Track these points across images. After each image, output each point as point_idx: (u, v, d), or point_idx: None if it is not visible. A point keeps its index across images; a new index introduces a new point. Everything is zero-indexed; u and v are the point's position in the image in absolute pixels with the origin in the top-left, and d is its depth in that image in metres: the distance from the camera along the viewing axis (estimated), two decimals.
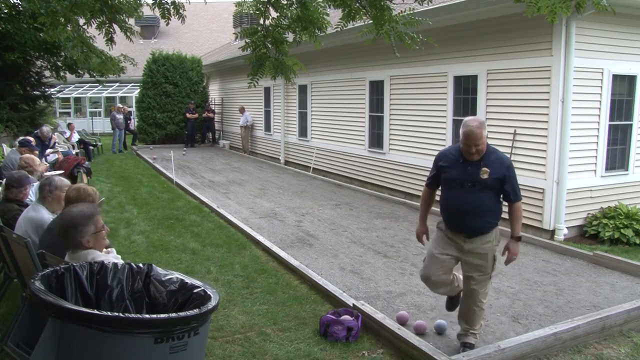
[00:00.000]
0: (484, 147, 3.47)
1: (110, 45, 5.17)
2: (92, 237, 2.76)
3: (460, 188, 3.57)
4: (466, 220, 3.56)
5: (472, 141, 3.42)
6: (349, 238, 6.91)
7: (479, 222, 3.54)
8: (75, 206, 2.89)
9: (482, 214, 3.53)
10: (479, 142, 3.41)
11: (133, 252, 6.09)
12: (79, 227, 2.72)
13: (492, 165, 3.49)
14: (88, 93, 25.55)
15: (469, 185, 3.54)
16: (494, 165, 3.50)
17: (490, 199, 3.53)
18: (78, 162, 10.16)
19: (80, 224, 2.73)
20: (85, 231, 2.73)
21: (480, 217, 3.53)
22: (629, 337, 4.08)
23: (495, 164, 3.50)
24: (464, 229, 3.60)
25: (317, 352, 3.73)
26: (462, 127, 3.49)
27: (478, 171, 3.49)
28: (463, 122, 3.52)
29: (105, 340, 1.88)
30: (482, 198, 3.51)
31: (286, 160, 14.35)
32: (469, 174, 3.53)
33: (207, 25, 33.26)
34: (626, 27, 6.94)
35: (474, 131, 3.39)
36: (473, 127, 3.40)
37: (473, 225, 3.56)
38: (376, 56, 9.92)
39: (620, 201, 7.13)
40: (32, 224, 3.82)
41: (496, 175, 3.49)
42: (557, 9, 3.80)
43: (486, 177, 3.48)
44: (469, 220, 3.55)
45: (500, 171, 3.50)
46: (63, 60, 14.83)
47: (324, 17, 4.86)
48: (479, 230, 3.57)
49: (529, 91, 7.02)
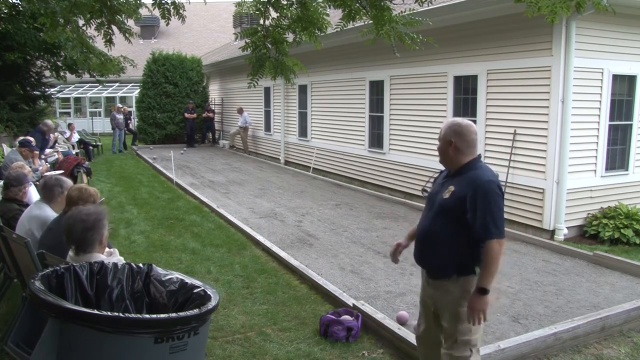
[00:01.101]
0: (444, 152, 2.77)
1: (110, 47, 5.18)
2: (105, 236, 2.82)
3: (426, 209, 2.87)
4: (419, 252, 2.84)
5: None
6: (349, 238, 6.91)
7: (432, 258, 2.76)
8: (85, 208, 2.88)
9: (433, 246, 2.72)
10: (439, 142, 2.80)
11: (133, 252, 6.09)
12: (103, 221, 2.77)
13: (461, 182, 2.65)
14: (88, 93, 25.55)
15: (429, 206, 2.82)
16: (463, 182, 2.63)
17: (445, 226, 2.66)
18: (78, 162, 10.15)
19: (100, 227, 2.76)
20: (103, 232, 2.78)
21: (432, 250, 2.74)
22: (629, 337, 4.09)
23: (465, 180, 2.63)
24: (419, 263, 2.88)
25: (317, 352, 3.74)
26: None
27: (445, 188, 2.73)
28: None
29: (105, 340, 1.88)
30: (435, 224, 2.71)
31: (286, 160, 14.35)
32: (436, 190, 2.81)
33: (207, 25, 33.26)
34: (626, 27, 6.94)
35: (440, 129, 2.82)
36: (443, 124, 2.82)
37: (425, 261, 2.82)
38: (376, 56, 9.92)
39: (620, 201, 7.13)
40: (38, 222, 3.84)
41: (459, 194, 2.60)
42: (557, 8, 3.81)
43: (447, 197, 2.66)
44: (421, 252, 2.82)
45: (464, 190, 2.59)
46: (63, 60, 14.84)
47: (324, 17, 4.86)
48: (436, 271, 2.76)
49: (529, 91, 7.02)
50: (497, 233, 2.52)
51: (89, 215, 2.74)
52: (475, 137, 2.76)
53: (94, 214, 2.77)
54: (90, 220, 2.72)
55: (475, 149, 2.75)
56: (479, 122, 7.77)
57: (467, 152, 2.72)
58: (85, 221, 2.72)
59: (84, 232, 2.70)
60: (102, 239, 2.77)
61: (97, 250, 2.75)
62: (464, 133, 2.71)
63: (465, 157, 2.71)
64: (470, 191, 2.56)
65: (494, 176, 2.65)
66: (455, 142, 2.71)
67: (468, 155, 2.72)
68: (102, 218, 2.78)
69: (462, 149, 2.71)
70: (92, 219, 2.73)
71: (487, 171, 2.67)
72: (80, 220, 2.73)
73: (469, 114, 7.98)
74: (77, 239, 2.71)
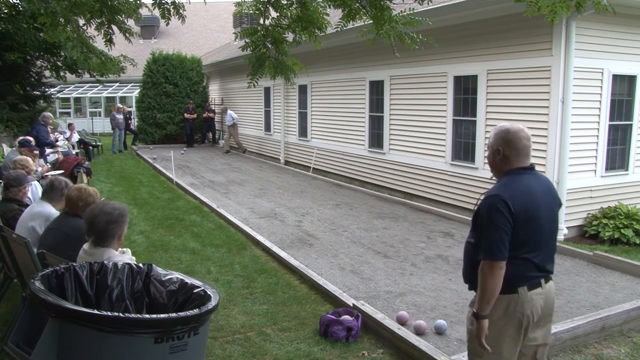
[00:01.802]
0: (492, 163, 2.55)
1: (110, 46, 5.18)
2: (123, 235, 2.89)
3: None
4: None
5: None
6: (349, 238, 6.91)
7: (465, 274, 2.62)
8: (110, 202, 2.96)
9: (465, 263, 2.60)
10: (488, 151, 2.60)
11: (133, 252, 6.04)
12: (121, 222, 2.83)
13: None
14: (88, 93, 25.55)
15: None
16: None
17: (470, 244, 2.54)
18: (78, 162, 10.16)
19: (123, 222, 2.84)
20: (124, 228, 2.86)
21: (465, 265, 2.61)
22: (629, 337, 4.08)
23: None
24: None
25: (317, 352, 3.73)
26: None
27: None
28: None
29: (105, 340, 1.88)
30: (468, 240, 2.58)
31: (286, 160, 14.34)
32: None
33: (207, 25, 33.26)
34: (626, 27, 6.94)
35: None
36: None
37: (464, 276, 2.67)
38: (376, 56, 9.92)
39: (620, 201, 7.13)
40: (42, 218, 3.86)
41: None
42: (558, 8, 3.81)
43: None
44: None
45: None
46: (63, 60, 14.84)
47: (324, 17, 4.86)
48: (469, 286, 2.62)
49: (529, 91, 7.02)
50: (485, 254, 2.33)
51: (115, 210, 2.83)
52: (528, 144, 2.47)
53: (118, 209, 2.86)
54: (115, 214, 2.81)
55: (526, 158, 2.47)
56: (479, 122, 7.77)
57: (515, 162, 2.46)
58: (110, 214, 2.79)
59: (107, 224, 2.77)
60: (121, 235, 2.85)
61: (113, 246, 2.81)
62: (513, 140, 2.45)
63: (513, 166, 2.46)
64: (478, 206, 2.45)
65: (507, 192, 2.37)
66: (504, 150, 2.46)
67: (516, 164, 2.46)
68: (125, 214, 2.88)
69: (511, 158, 2.46)
70: (117, 214, 2.82)
71: (503, 186, 2.42)
72: (105, 212, 2.80)
73: (469, 114, 7.99)
74: (99, 231, 2.77)
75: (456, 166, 8.27)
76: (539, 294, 2.44)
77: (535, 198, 2.41)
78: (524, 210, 2.35)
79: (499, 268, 2.32)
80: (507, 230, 2.32)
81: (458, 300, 4.75)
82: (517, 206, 2.33)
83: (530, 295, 2.41)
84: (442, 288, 5.09)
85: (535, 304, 2.43)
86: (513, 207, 2.32)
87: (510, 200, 2.33)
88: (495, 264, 2.32)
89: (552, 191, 2.56)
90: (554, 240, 2.55)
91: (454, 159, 8.33)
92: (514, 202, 2.33)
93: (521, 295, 2.40)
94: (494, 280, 2.33)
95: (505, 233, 2.32)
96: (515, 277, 2.38)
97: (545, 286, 2.48)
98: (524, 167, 2.47)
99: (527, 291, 2.40)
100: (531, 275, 2.42)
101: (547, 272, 2.50)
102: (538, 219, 2.40)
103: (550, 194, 2.53)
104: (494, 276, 2.33)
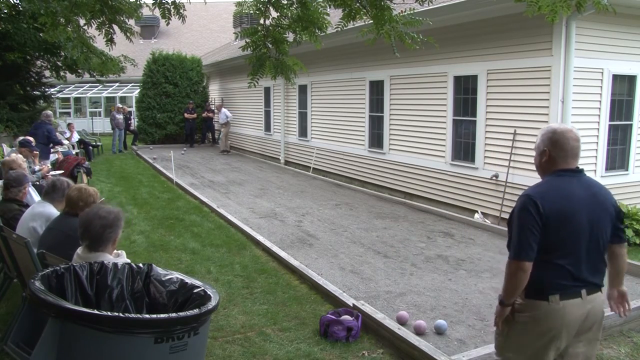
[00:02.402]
0: (539, 165, 2.50)
1: (110, 46, 5.17)
2: (117, 239, 2.86)
3: None
4: None
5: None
6: (349, 238, 6.91)
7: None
8: (105, 206, 2.92)
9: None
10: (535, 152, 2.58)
11: (133, 252, 6.08)
12: (116, 227, 2.79)
13: None
14: (88, 93, 25.55)
15: None
16: None
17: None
18: (78, 162, 10.16)
19: (117, 226, 2.80)
20: (118, 232, 2.82)
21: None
22: (629, 337, 4.08)
23: None
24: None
25: (317, 352, 3.73)
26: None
27: None
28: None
29: (105, 340, 1.88)
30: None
31: (286, 160, 14.34)
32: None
33: (207, 25, 33.26)
34: (626, 27, 6.94)
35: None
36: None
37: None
38: (376, 56, 9.92)
39: (620, 201, 7.12)
40: (43, 219, 3.86)
41: None
42: (558, 8, 3.81)
43: None
44: None
45: None
46: (63, 60, 14.84)
47: (324, 17, 4.86)
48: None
49: (529, 91, 7.02)
50: (511, 253, 2.31)
51: (109, 214, 2.79)
52: (576, 145, 2.38)
53: (113, 212, 2.83)
54: (110, 219, 2.77)
55: (574, 159, 2.38)
56: (479, 122, 7.77)
57: (561, 163, 2.38)
58: (105, 218, 2.76)
59: (102, 228, 2.73)
60: (116, 239, 2.82)
61: (108, 250, 2.77)
62: (560, 140, 2.36)
63: (557, 168, 2.39)
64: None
65: (539, 192, 2.32)
66: (550, 151, 2.38)
67: (563, 166, 2.38)
68: (120, 218, 2.85)
69: (557, 160, 2.37)
70: (112, 218, 2.78)
71: (538, 186, 2.38)
72: (100, 217, 2.76)
73: (469, 114, 7.99)
74: (94, 235, 2.73)
75: (456, 166, 8.27)
76: (576, 305, 2.29)
77: (573, 201, 2.30)
78: (557, 211, 2.26)
79: (522, 269, 2.26)
80: (534, 231, 2.25)
81: (458, 300, 4.75)
82: (548, 207, 2.25)
83: (563, 305, 2.28)
84: (442, 288, 5.08)
85: (570, 316, 2.29)
86: (543, 207, 2.25)
87: (540, 200, 2.26)
88: (519, 264, 2.26)
89: (600, 196, 2.39)
90: (599, 249, 2.37)
91: (454, 159, 8.33)
92: (544, 203, 2.26)
93: (552, 304, 2.28)
94: (516, 280, 2.29)
95: (532, 233, 2.25)
96: (546, 283, 2.29)
97: (587, 298, 2.31)
98: (568, 169, 2.38)
99: (560, 300, 2.28)
100: (565, 283, 2.29)
101: (587, 283, 2.33)
102: (574, 223, 2.28)
103: (597, 199, 2.37)
104: (516, 276, 2.28)
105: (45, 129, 9.80)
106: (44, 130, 9.74)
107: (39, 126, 9.94)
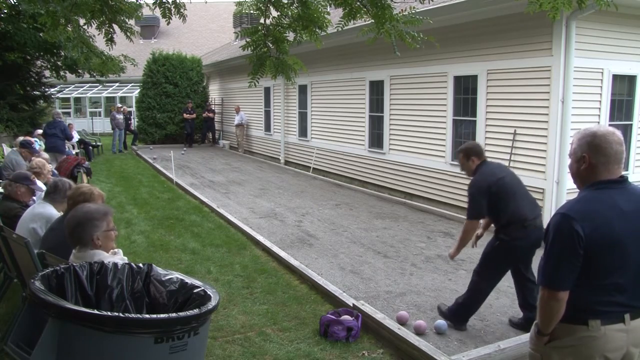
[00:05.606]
0: (576, 172, 2.20)
1: (110, 46, 5.17)
2: (103, 235, 2.75)
3: None
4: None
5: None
6: (349, 238, 6.91)
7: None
8: (88, 204, 2.89)
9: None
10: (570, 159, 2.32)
11: (133, 252, 6.09)
12: (94, 221, 2.72)
13: None
14: (88, 93, 25.55)
15: None
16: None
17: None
18: (78, 162, 10.15)
19: (95, 219, 2.73)
20: (98, 227, 2.73)
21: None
22: None
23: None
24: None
25: (317, 352, 3.73)
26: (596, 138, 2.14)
27: None
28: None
29: (105, 340, 1.88)
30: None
31: (286, 160, 14.34)
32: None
33: (207, 25, 33.26)
34: (626, 27, 6.94)
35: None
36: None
37: None
38: (376, 56, 9.92)
39: None
40: (43, 220, 3.86)
41: None
42: (559, 4, 3.80)
43: None
44: None
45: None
46: (63, 60, 14.84)
47: (324, 16, 4.85)
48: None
49: (529, 91, 7.01)
50: (544, 280, 2.03)
51: (88, 209, 2.76)
52: (620, 149, 2.10)
53: (93, 208, 2.78)
54: (78, 217, 2.72)
55: (617, 167, 2.09)
56: (479, 122, 7.77)
57: (603, 172, 2.08)
58: (75, 217, 2.72)
59: (72, 228, 2.71)
60: (94, 236, 2.72)
61: (92, 248, 2.72)
62: (601, 145, 2.08)
63: (601, 177, 2.08)
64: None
65: (580, 211, 2.02)
66: (590, 157, 2.08)
67: (605, 174, 2.08)
68: (101, 213, 2.77)
69: (599, 167, 2.08)
70: (80, 216, 2.72)
71: (578, 203, 2.07)
72: (72, 216, 2.75)
73: (469, 114, 7.99)
74: (68, 235, 2.73)
75: (456, 166, 8.25)
76: (620, 331, 2.03)
77: (619, 221, 2.01)
78: (600, 236, 1.97)
79: (556, 300, 2.00)
80: (572, 259, 1.98)
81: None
82: (590, 229, 1.96)
83: (604, 331, 2.01)
84: (442, 288, 5.08)
85: (613, 342, 2.02)
86: (583, 230, 1.96)
87: (580, 222, 1.97)
88: (554, 294, 2.01)
89: None
90: None
91: (454, 159, 8.32)
92: (584, 225, 1.96)
93: (591, 329, 2.02)
94: (550, 311, 2.04)
95: (570, 262, 1.98)
96: (584, 308, 2.03)
97: (632, 323, 2.04)
98: (612, 180, 2.08)
99: (601, 325, 2.01)
100: (607, 310, 2.02)
101: (633, 307, 2.05)
102: (619, 248, 2.00)
103: None
104: (550, 307, 2.03)
105: (62, 126, 10.64)
106: (61, 127, 10.60)
107: (56, 124, 10.69)
